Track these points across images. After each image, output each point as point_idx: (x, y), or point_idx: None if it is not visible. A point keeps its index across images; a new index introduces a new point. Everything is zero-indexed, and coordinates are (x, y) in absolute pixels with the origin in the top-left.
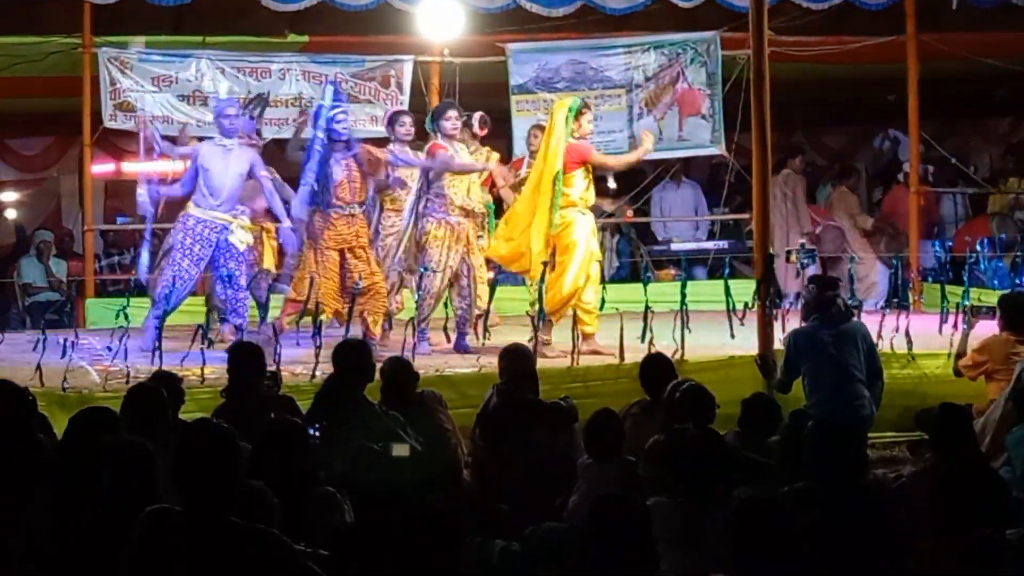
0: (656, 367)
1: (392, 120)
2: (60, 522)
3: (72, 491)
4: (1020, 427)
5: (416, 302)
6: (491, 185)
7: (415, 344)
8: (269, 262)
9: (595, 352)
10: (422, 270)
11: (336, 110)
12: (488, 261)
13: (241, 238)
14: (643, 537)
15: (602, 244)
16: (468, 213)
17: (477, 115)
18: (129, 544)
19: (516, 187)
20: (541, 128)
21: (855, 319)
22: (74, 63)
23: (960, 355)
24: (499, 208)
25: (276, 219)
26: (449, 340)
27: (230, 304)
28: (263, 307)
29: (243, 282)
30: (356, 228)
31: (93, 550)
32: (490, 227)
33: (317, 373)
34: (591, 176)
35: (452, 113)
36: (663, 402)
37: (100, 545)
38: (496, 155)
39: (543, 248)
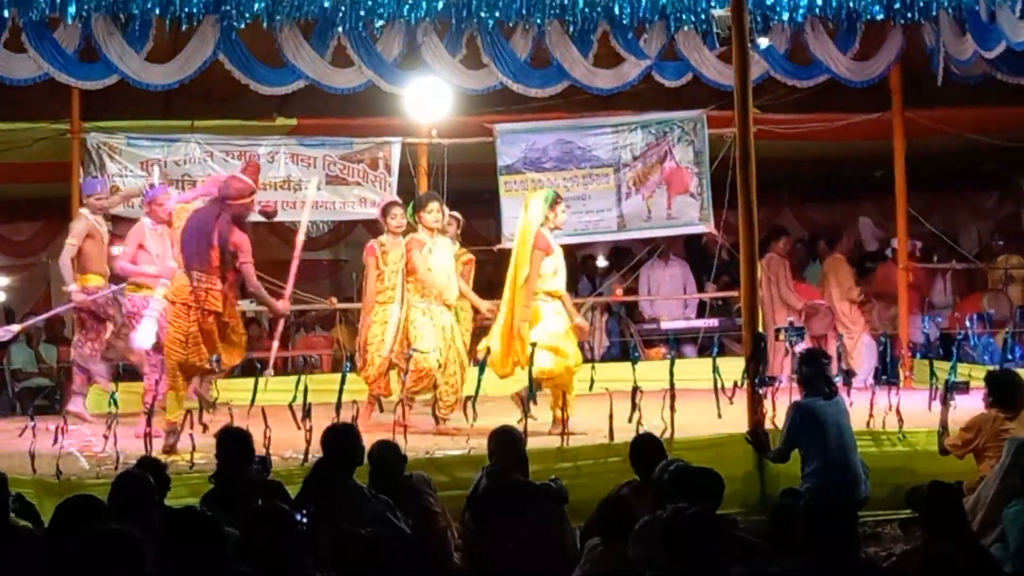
0: (646, 448)
1: (384, 211)
2: None
3: None
4: (1018, 503)
5: (403, 383)
6: None
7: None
8: None
9: (569, 434)
10: (411, 352)
11: None
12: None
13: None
14: None
15: (592, 323)
16: (447, 304)
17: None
18: None
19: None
20: (455, 218)
21: (838, 395)
22: (63, 148)
23: (942, 431)
24: None
25: None
26: (438, 422)
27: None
28: None
29: None
30: None
31: None
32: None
33: (309, 457)
34: (559, 262)
35: (433, 205)
36: (653, 482)
37: None
38: (470, 256)
39: (507, 342)
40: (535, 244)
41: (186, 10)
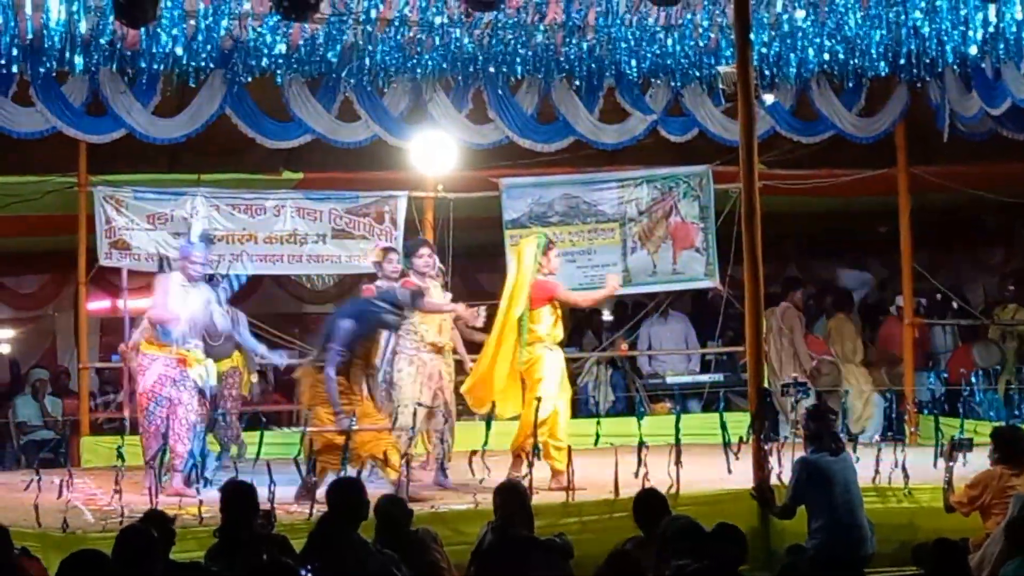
0: (650, 503)
1: (383, 254)
2: None
3: None
4: (1012, 562)
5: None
6: None
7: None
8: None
9: (563, 488)
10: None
11: None
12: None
13: (199, 373)
14: None
15: (597, 378)
16: (439, 350)
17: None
18: None
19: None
20: (442, 271)
21: (845, 451)
22: (70, 202)
23: (947, 488)
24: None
25: None
26: (444, 475)
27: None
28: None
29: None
30: None
31: None
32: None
33: (313, 511)
34: (559, 312)
35: (424, 251)
36: (657, 538)
37: None
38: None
39: (506, 385)
40: (551, 293)
41: (193, 64)
